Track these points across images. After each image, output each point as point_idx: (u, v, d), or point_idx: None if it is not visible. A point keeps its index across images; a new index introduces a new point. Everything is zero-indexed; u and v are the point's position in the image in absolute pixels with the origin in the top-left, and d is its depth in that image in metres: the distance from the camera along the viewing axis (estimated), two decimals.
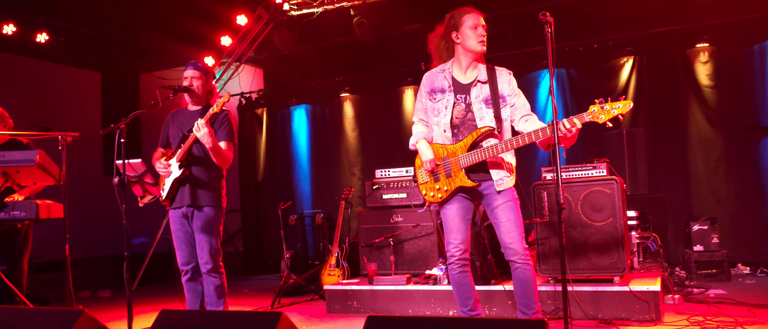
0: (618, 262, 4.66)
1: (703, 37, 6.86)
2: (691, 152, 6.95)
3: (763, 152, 6.65)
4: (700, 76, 6.93)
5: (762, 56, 6.69)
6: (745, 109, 6.77)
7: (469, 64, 3.57)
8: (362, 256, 5.85)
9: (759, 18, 6.61)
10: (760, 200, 6.64)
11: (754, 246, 6.61)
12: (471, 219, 3.65)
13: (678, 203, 6.99)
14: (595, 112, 3.18)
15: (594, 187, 4.78)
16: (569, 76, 7.58)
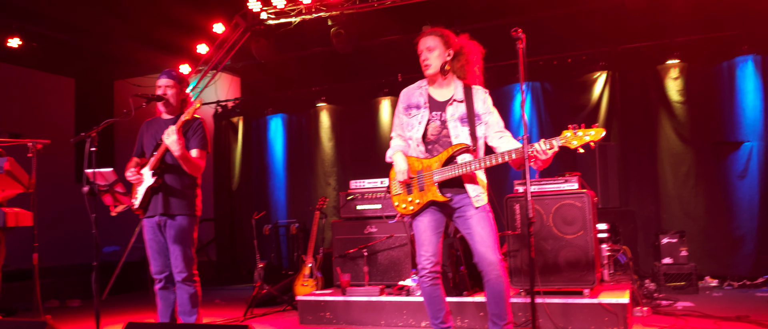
0: (588, 275, 4.72)
1: (674, 54, 7.01)
2: (662, 166, 7.08)
3: (731, 167, 6.80)
4: (671, 91, 7.08)
5: (731, 73, 6.85)
6: (714, 125, 6.91)
7: (443, 82, 3.62)
8: (336, 267, 5.85)
9: (728, 36, 6.77)
10: (728, 214, 6.78)
11: (722, 260, 6.74)
12: (443, 232, 3.68)
13: (648, 216, 7.11)
14: (567, 138, 3.23)
15: (565, 200, 4.84)
16: (544, 90, 7.68)
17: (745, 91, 6.75)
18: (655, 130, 7.13)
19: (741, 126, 6.76)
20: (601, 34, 7.34)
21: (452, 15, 7.42)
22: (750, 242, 6.65)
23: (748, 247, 6.66)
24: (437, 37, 3.59)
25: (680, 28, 6.91)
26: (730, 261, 6.71)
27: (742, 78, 6.78)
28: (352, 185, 6.12)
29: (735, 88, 6.80)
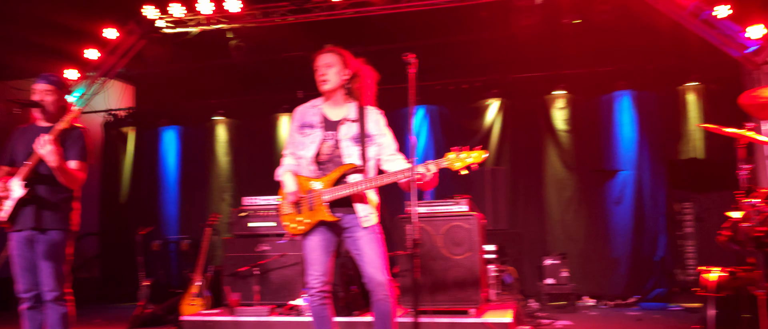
0: (474, 295, 4.87)
1: (561, 85, 7.45)
2: (547, 191, 7.46)
3: (609, 193, 7.29)
4: (557, 120, 7.51)
5: (610, 106, 7.37)
6: (594, 153, 7.39)
7: (338, 101, 3.63)
8: (225, 285, 5.68)
9: (609, 71, 7.28)
10: (605, 237, 7.24)
11: (599, 280, 7.18)
12: (334, 252, 3.68)
13: (534, 238, 7.45)
14: (451, 160, 3.32)
15: (455, 222, 4.99)
16: (440, 113, 7.91)
17: (622, 123, 7.28)
18: (542, 157, 7.52)
19: (618, 155, 7.27)
20: (496, 62, 7.67)
21: (355, 35, 7.49)
22: (624, 264, 7.14)
23: (622, 269, 7.14)
24: (336, 56, 3.61)
25: (566, 61, 7.36)
26: (606, 282, 7.16)
27: (619, 111, 7.31)
28: (245, 202, 6.00)
29: (613, 119, 7.32)
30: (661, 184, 7.17)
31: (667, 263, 7.07)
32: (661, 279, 7.01)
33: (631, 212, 7.16)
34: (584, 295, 7.09)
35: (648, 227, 7.15)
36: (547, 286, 6.73)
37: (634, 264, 7.10)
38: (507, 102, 7.68)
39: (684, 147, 7.05)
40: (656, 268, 7.07)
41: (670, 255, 7.08)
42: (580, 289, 6.95)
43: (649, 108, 7.25)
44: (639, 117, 7.24)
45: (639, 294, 6.99)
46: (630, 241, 7.12)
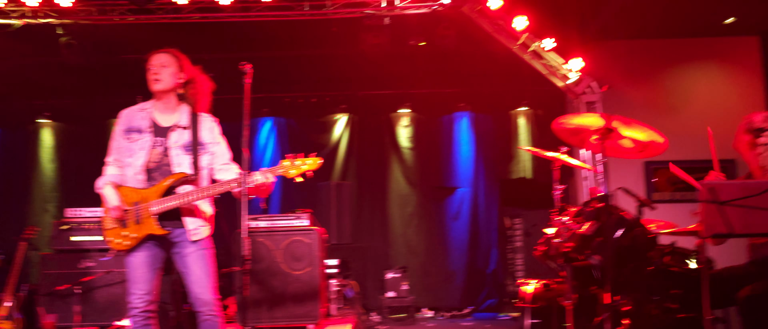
0: (313, 310, 4.84)
1: (406, 104, 7.71)
2: (391, 206, 7.67)
3: (448, 209, 7.65)
4: (401, 138, 7.75)
5: (450, 126, 7.76)
6: (436, 171, 7.74)
7: (169, 106, 3.44)
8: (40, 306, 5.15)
9: (451, 92, 7.66)
10: (444, 252, 7.58)
11: (437, 293, 7.49)
12: (161, 268, 3.46)
13: (377, 252, 7.61)
14: (286, 167, 3.27)
15: (295, 237, 4.93)
16: (289, 126, 7.84)
17: (461, 142, 7.69)
18: (386, 172, 7.72)
19: (457, 173, 7.67)
20: (345, 78, 7.75)
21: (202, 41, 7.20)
22: (460, 277, 7.50)
23: (458, 281, 7.50)
24: (172, 57, 3.43)
25: (411, 80, 7.62)
26: (444, 294, 7.48)
27: (459, 131, 7.72)
28: (69, 213, 5.50)
29: (453, 139, 7.72)
30: (494, 201, 7.66)
31: (498, 275, 7.54)
32: (493, 291, 7.46)
33: (467, 227, 7.56)
34: (423, 307, 7.34)
35: (482, 241, 7.60)
36: (388, 299, 6.87)
37: (469, 276, 7.49)
38: (355, 117, 7.80)
39: (515, 167, 7.59)
40: (489, 280, 7.51)
41: (501, 267, 7.56)
42: (419, 301, 7.19)
43: (485, 129, 7.73)
44: (476, 137, 7.69)
45: (473, 305, 7.38)
46: (465, 255, 7.51)
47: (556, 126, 3.42)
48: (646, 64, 6.98)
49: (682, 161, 6.54)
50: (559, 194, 3.80)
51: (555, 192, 3.80)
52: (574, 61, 6.44)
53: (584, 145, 3.49)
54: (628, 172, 6.71)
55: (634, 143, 3.36)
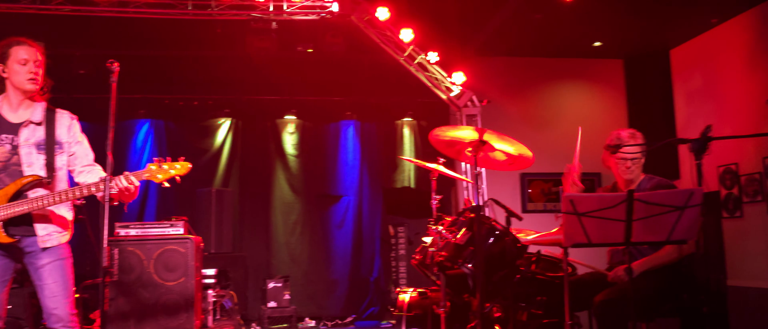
0: (186, 323, 4.61)
1: (292, 110, 7.60)
2: (274, 214, 7.50)
3: (332, 218, 7.60)
4: (287, 145, 7.62)
5: (337, 134, 7.73)
6: (321, 179, 7.66)
7: (21, 101, 3.15)
8: None
9: (338, 101, 7.64)
10: (327, 260, 7.52)
11: (319, 302, 7.41)
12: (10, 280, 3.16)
13: (259, 261, 7.41)
14: (152, 171, 3.08)
15: (169, 246, 4.69)
16: (167, 129, 7.46)
17: (347, 150, 7.68)
18: (270, 180, 7.55)
19: (342, 181, 7.64)
20: (229, 82, 7.51)
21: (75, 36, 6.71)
22: (343, 285, 7.47)
23: (341, 290, 7.47)
24: (42, 53, 3.15)
25: (297, 87, 7.53)
26: (326, 303, 7.42)
27: (345, 139, 7.71)
28: None
29: (339, 147, 7.69)
30: (378, 210, 7.71)
31: (381, 283, 7.59)
32: (376, 299, 7.50)
33: (352, 235, 7.56)
34: (305, 317, 7.25)
35: (366, 249, 7.62)
36: (269, 309, 6.72)
37: (352, 284, 7.48)
38: (238, 122, 7.58)
39: (399, 176, 7.69)
40: (372, 288, 7.54)
41: (384, 275, 7.62)
42: (301, 311, 7.09)
43: (371, 138, 7.78)
44: (362, 146, 7.72)
45: (355, 314, 7.38)
46: (349, 263, 7.49)
47: (433, 137, 3.49)
48: (524, 80, 7.35)
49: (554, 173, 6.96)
50: (436, 204, 3.88)
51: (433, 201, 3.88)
52: (457, 75, 6.65)
53: (460, 156, 3.59)
54: (505, 183, 7.01)
55: (505, 156, 3.49)
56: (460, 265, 3.19)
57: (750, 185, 5.91)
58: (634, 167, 3.40)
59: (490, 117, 6.78)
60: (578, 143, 3.59)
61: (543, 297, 3.31)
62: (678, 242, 2.72)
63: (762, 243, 5.78)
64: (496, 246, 3.24)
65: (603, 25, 6.50)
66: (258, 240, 7.47)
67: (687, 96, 6.90)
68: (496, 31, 6.59)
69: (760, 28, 5.90)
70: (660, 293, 3.28)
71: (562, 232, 2.79)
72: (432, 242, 3.55)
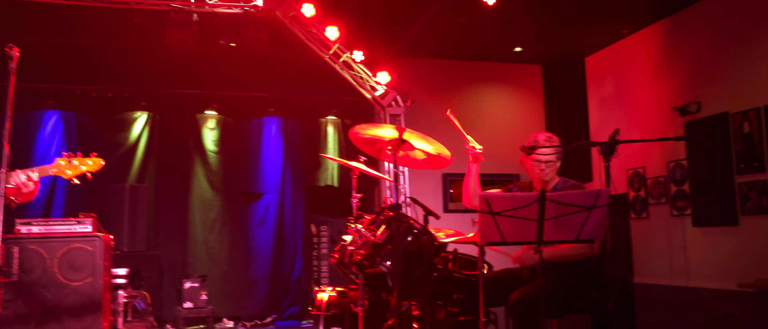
0: (92, 325, 4.39)
1: (213, 105, 7.39)
2: (192, 212, 7.27)
3: (253, 215, 7.46)
4: (207, 141, 7.41)
5: (259, 131, 7.58)
6: (242, 176, 7.50)
7: None
8: None
9: (261, 96, 7.50)
10: (247, 259, 7.37)
11: (238, 302, 7.24)
12: None
13: (175, 260, 7.17)
14: (61, 166, 2.92)
15: (75, 244, 4.45)
16: (78, 121, 7.09)
17: (269, 148, 7.56)
18: (189, 176, 7.32)
19: (263, 179, 7.51)
20: (146, 74, 7.23)
21: None
22: (263, 285, 7.34)
23: (261, 290, 7.33)
24: None
25: (220, 82, 7.34)
26: (245, 303, 7.26)
27: (267, 136, 7.58)
28: None
29: (261, 144, 7.55)
30: (300, 208, 7.63)
31: (302, 282, 7.51)
32: (296, 298, 7.41)
33: (273, 234, 7.44)
34: (223, 317, 7.06)
35: (287, 248, 7.52)
36: (185, 310, 6.51)
37: (272, 284, 7.36)
38: (156, 116, 7.30)
39: (322, 174, 7.64)
40: (293, 288, 7.45)
41: (305, 274, 7.54)
42: (219, 311, 6.92)
43: (294, 136, 7.69)
44: (284, 143, 7.61)
45: (275, 314, 7.26)
46: (269, 262, 7.37)
47: (353, 135, 3.47)
48: (447, 82, 7.45)
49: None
50: (356, 202, 3.86)
51: (352, 200, 3.86)
52: (382, 75, 6.66)
53: (381, 155, 3.58)
54: (427, 183, 7.08)
55: (425, 155, 3.52)
56: (378, 264, 3.19)
57: (655, 187, 6.24)
58: (547, 170, 3.50)
59: (413, 117, 6.83)
60: (457, 124, 3.66)
61: (459, 294, 3.35)
62: (586, 241, 2.81)
63: (665, 243, 6.11)
64: (414, 244, 3.26)
65: (523, 31, 6.68)
66: (174, 238, 7.22)
67: (600, 101, 7.21)
68: (421, 33, 6.65)
69: (666, 40, 6.23)
70: (570, 291, 3.39)
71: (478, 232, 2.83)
72: (351, 241, 3.53)
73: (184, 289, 6.53)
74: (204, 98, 7.36)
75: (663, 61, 6.26)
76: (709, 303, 5.54)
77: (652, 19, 6.30)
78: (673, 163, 6.01)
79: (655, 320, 6.17)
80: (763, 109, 5.10)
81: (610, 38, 6.84)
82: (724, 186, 5.40)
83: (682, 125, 5.89)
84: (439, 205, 7.19)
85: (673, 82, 6.09)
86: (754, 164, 5.15)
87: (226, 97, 7.39)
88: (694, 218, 5.74)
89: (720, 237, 5.49)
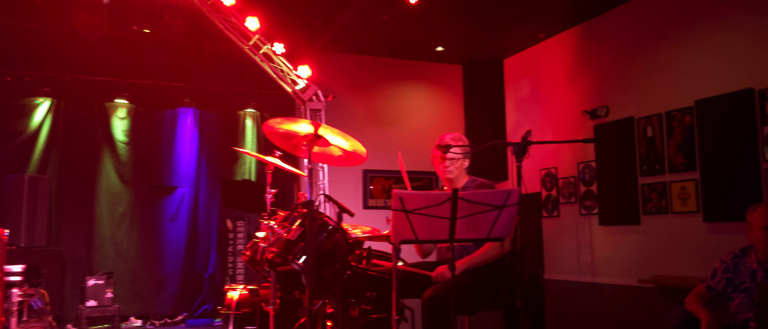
0: None
1: (123, 94, 7.04)
2: (99, 205, 6.91)
3: (165, 210, 7.18)
4: (117, 131, 7.05)
5: (173, 122, 7.29)
6: (155, 169, 7.19)
7: None
8: None
9: (176, 86, 7.21)
10: (157, 255, 7.08)
11: (147, 300, 6.95)
12: None
13: (79, 256, 6.79)
14: None
15: None
16: None
17: (184, 140, 7.28)
18: (96, 167, 6.95)
19: (177, 172, 7.23)
20: (51, 58, 6.79)
21: None
22: (174, 282, 7.08)
23: (172, 287, 7.07)
24: None
25: (132, 70, 7.00)
26: (155, 301, 6.98)
27: (182, 127, 7.30)
28: None
29: (176, 136, 7.26)
30: (216, 203, 7.41)
31: (216, 280, 7.30)
32: (210, 296, 7.20)
33: (186, 229, 7.19)
34: (131, 316, 6.76)
35: (201, 244, 7.29)
36: (88, 309, 6.18)
37: (184, 281, 7.12)
38: (60, 103, 6.87)
39: (240, 168, 7.43)
40: (206, 285, 7.23)
41: (220, 272, 7.33)
42: (126, 310, 6.62)
43: (210, 128, 7.45)
44: (200, 136, 7.36)
45: (187, 312, 7.03)
46: (182, 259, 7.12)
47: (267, 129, 3.38)
48: (369, 78, 7.44)
49: (396, 171, 7.13)
50: (271, 198, 3.78)
51: (267, 195, 3.76)
52: (303, 68, 6.56)
53: (297, 150, 3.51)
54: (347, 180, 7.05)
55: (341, 151, 3.47)
56: (290, 261, 3.11)
57: (566, 187, 6.47)
58: (451, 167, 3.53)
59: (334, 113, 6.78)
60: (402, 169, 3.68)
61: (373, 292, 3.33)
62: (497, 239, 2.85)
63: (574, 241, 6.36)
64: (327, 242, 3.20)
65: (445, 31, 6.76)
66: (79, 233, 6.83)
67: (516, 103, 7.41)
68: (344, 28, 6.60)
69: (579, 46, 6.48)
70: (482, 288, 3.44)
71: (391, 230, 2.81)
72: (264, 237, 3.44)
73: (87, 287, 6.20)
74: (114, 86, 7.00)
75: (576, 66, 6.50)
76: (612, 298, 5.81)
77: (567, 25, 6.52)
78: (582, 164, 6.26)
79: (563, 315, 6.42)
80: (665, 115, 5.38)
81: (527, 41, 7.03)
82: (628, 187, 5.67)
83: (591, 128, 6.14)
84: (359, 202, 7.17)
85: (585, 87, 6.34)
86: (656, 167, 5.43)
87: (139, 85, 7.06)
88: (601, 217, 6.00)
89: (623, 236, 5.77)
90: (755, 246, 3.26)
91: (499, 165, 7.12)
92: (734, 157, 4.74)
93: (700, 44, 5.15)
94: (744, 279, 3.27)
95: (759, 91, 4.62)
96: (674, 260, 5.23)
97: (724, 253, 3.42)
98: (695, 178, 5.07)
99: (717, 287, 3.36)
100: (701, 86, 5.08)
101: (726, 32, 4.94)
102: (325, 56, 7.12)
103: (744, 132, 4.67)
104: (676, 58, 5.34)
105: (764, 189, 4.52)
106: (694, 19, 5.21)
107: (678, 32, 5.35)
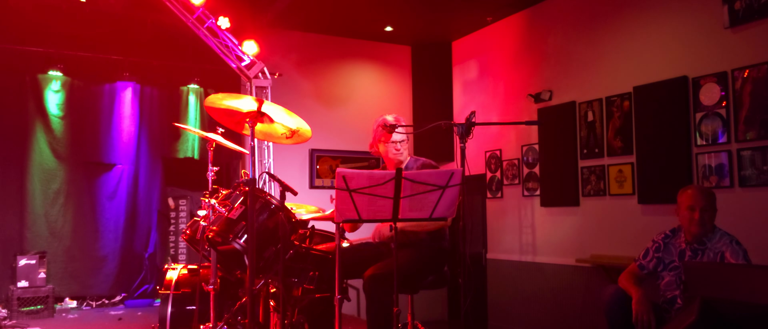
0: None
1: (58, 66, 6.73)
2: (32, 182, 6.62)
3: (102, 187, 6.94)
4: (51, 104, 6.75)
5: (112, 96, 7.03)
6: (92, 145, 6.93)
7: None
8: None
9: (114, 60, 6.93)
10: (94, 234, 6.86)
11: (83, 280, 6.74)
12: None
13: (10, 235, 6.51)
14: None
15: None
16: None
17: (123, 115, 7.03)
18: (27, 143, 6.64)
19: (116, 148, 6.99)
20: None
21: None
22: (112, 262, 6.88)
23: (110, 267, 6.87)
24: None
25: (67, 41, 6.68)
26: (92, 282, 6.77)
27: (121, 102, 7.05)
28: None
29: (114, 110, 7.01)
30: (156, 181, 7.22)
31: (157, 259, 7.13)
32: (150, 275, 7.03)
33: (125, 207, 6.98)
34: (65, 297, 6.54)
35: (141, 223, 7.10)
36: (19, 290, 5.94)
37: (123, 261, 6.93)
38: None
39: (182, 145, 7.23)
40: (146, 265, 7.05)
41: (161, 251, 7.16)
42: (60, 291, 6.42)
43: (151, 103, 7.22)
44: (140, 111, 7.13)
45: (126, 292, 6.85)
46: (120, 238, 6.92)
47: (208, 105, 3.29)
48: (318, 57, 7.34)
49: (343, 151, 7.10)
50: (212, 176, 3.69)
51: (209, 173, 3.68)
52: (249, 44, 6.41)
53: (239, 127, 3.43)
54: (294, 159, 6.96)
55: (286, 129, 3.41)
56: (231, 241, 3.06)
57: (510, 169, 6.59)
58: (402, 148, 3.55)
59: (281, 91, 6.67)
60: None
61: (316, 272, 3.31)
62: (439, 219, 2.87)
63: (516, 221, 6.49)
64: (270, 221, 3.16)
65: (394, 11, 6.72)
66: (9, 210, 6.54)
67: (464, 85, 7.46)
68: (292, 4, 6.47)
69: (525, 30, 6.56)
70: (424, 267, 3.47)
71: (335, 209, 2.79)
72: (204, 216, 3.36)
73: (18, 267, 5.95)
74: (47, 57, 6.67)
75: (521, 50, 6.58)
76: (551, 277, 5.98)
77: (514, 10, 6.59)
78: (526, 147, 6.37)
79: (505, 293, 6.57)
80: (605, 100, 5.53)
81: (475, 24, 7.07)
82: (569, 169, 5.81)
83: (536, 111, 6.25)
84: (305, 181, 7.10)
85: (530, 70, 6.43)
86: (595, 150, 5.58)
87: (74, 57, 6.75)
88: (542, 198, 6.14)
89: (563, 217, 5.92)
90: (683, 226, 3.40)
91: (446, 146, 7.18)
92: (668, 142, 4.92)
93: (639, 32, 5.29)
94: (673, 258, 3.41)
95: (693, 79, 4.79)
96: (610, 240, 5.41)
97: (656, 234, 3.55)
98: (631, 162, 5.24)
99: (648, 266, 3.49)
100: (639, 73, 5.23)
101: (664, 22, 5.09)
102: (273, 33, 6.98)
103: (678, 118, 4.85)
104: (617, 45, 5.48)
105: (695, 173, 4.71)
106: (635, 7, 5.34)
107: (619, 20, 5.48)
